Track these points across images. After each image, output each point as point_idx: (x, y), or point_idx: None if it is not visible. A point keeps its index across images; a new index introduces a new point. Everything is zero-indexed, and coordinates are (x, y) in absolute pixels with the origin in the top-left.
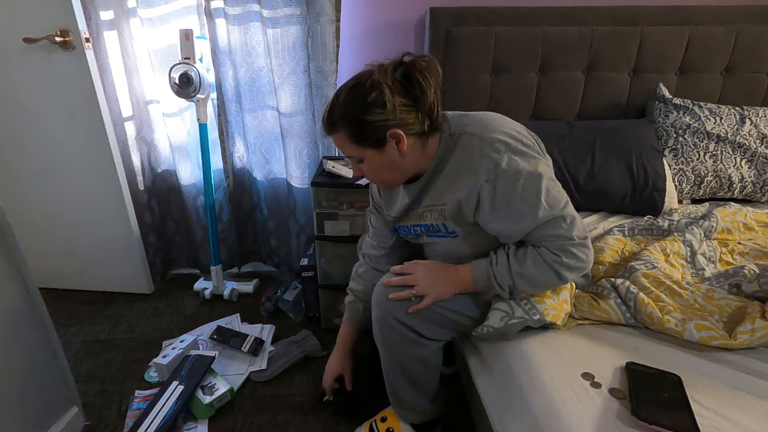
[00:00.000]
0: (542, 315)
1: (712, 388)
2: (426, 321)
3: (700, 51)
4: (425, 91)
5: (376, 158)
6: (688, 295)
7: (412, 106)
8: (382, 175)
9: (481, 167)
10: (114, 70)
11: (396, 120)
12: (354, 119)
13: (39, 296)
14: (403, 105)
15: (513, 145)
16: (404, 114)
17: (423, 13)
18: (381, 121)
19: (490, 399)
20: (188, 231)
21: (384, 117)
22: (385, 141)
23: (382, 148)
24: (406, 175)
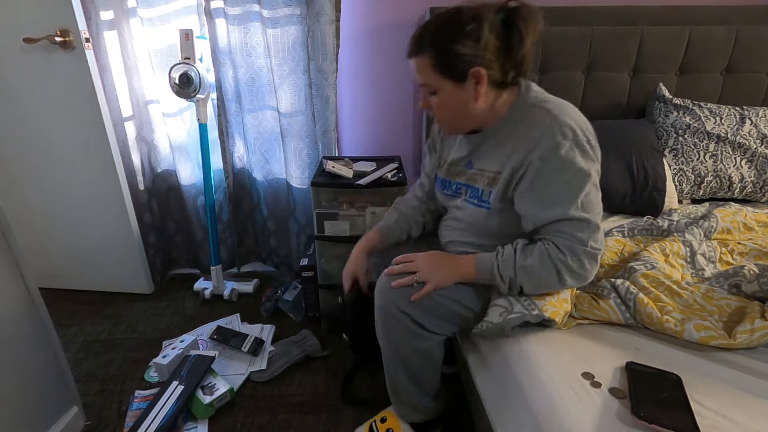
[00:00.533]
0: (541, 311)
1: (712, 388)
2: (428, 313)
3: (700, 51)
4: (523, 40)
5: (450, 93)
6: (687, 295)
7: (503, 52)
8: (450, 114)
9: (541, 143)
10: (114, 70)
11: (484, 59)
12: (444, 45)
13: (39, 296)
14: (495, 48)
15: (579, 138)
16: (493, 57)
17: (423, 13)
18: (470, 55)
19: (490, 399)
20: (188, 231)
21: (474, 52)
22: (465, 77)
23: (461, 83)
24: (471, 121)
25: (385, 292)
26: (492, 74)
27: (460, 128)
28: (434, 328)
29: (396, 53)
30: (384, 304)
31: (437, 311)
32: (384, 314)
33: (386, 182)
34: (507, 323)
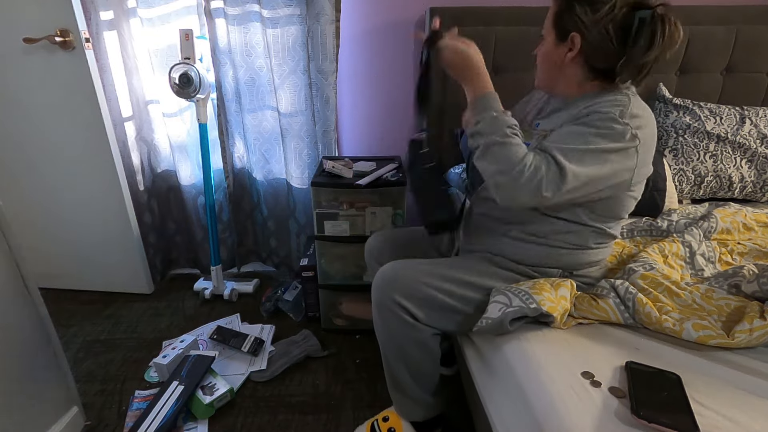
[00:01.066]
0: (539, 305)
1: (712, 387)
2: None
3: (700, 51)
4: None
5: (550, 45)
6: (686, 296)
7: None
8: (542, 65)
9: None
10: (114, 70)
11: (590, 34)
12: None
13: (39, 296)
14: (609, 35)
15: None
16: (602, 40)
17: (423, 13)
18: (579, 20)
19: (490, 398)
20: (188, 231)
21: (584, 20)
22: (565, 38)
23: (560, 42)
24: (557, 83)
25: (380, 285)
26: (594, 56)
27: (547, 85)
28: (428, 320)
29: (396, 53)
30: (379, 298)
31: (430, 303)
32: (380, 307)
33: (386, 182)
34: (506, 317)
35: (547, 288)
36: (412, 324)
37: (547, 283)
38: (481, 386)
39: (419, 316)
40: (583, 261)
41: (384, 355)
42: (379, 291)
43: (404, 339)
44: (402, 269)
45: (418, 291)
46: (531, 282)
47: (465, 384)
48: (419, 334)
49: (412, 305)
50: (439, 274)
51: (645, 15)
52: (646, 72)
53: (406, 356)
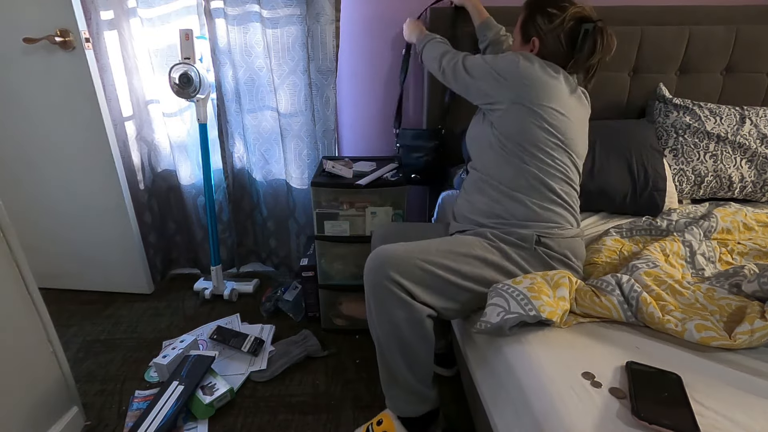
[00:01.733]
0: (538, 311)
1: (713, 388)
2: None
3: (700, 51)
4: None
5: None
6: (689, 294)
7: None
8: None
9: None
10: (114, 70)
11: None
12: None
13: (39, 296)
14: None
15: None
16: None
17: (423, 13)
18: (539, 26)
19: (490, 398)
20: (188, 231)
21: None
22: (528, 40)
23: (524, 43)
24: None
25: (374, 265)
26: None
27: None
28: (424, 297)
29: (396, 53)
30: (374, 279)
31: (426, 279)
32: (375, 287)
33: (386, 182)
34: (505, 323)
35: (545, 290)
36: (409, 302)
37: (545, 283)
38: (481, 386)
39: (415, 293)
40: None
41: (378, 344)
42: (373, 271)
43: (399, 320)
44: (395, 248)
45: (414, 267)
46: (529, 281)
47: (465, 384)
48: (415, 314)
49: (408, 281)
50: (434, 249)
51: (588, 27)
52: (592, 73)
53: (401, 340)
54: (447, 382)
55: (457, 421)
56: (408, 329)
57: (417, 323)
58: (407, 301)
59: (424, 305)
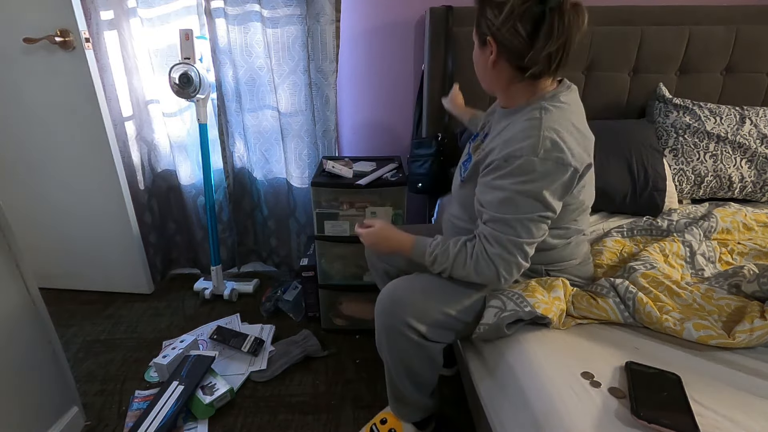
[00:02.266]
0: (533, 308)
1: (712, 388)
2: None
3: (700, 51)
4: (551, 38)
5: (476, 51)
6: (687, 295)
7: (524, 38)
8: (477, 71)
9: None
10: (114, 70)
11: (501, 34)
12: (482, 6)
13: (39, 296)
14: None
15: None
16: (514, 38)
17: (423, 13)
18: (490, 22)
19: (490, 399)
20: (188, 231)
21: (494, 22)
22: (485, 42)
23: (482, 46)
24: (490, 86)
25: (388, 308)
26: (510, 55)
27: (488, 88)
28: (436, 337)
29: (396, 53)
30: (389, 321)
31: (442, 322)
32: (388, 329)
33: (386, 182)
34: (502, 321)
35: (539, 290)
36: (422, 344)
37: (539, 285)
38: (481, 387)
39: (428, 335)
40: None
41: (388, 370)
42: (387, 314)
43: (412, 357)
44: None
45: (432, 313)
46: (523, 284)
47: (465, 384)
48: (427, 351)
49: (423, 326)
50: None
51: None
52: (557, 62)
53: (412, 372)
54: (447, 382)
55: (457, 420)
56: (418, 363)
57: (428, 358)
58: (421, 343)
59: (436, 343)
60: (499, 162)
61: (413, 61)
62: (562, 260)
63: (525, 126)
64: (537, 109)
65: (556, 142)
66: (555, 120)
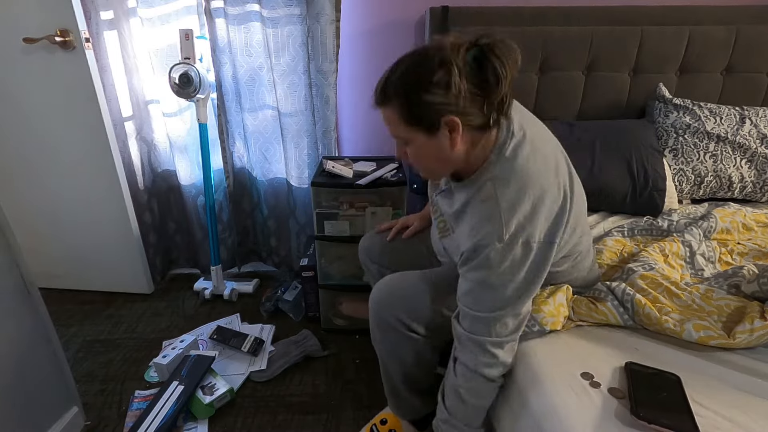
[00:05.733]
0: (542, 325)
1: (712, 388)
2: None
3: (700, 51)
4: (499, 80)
5: (424, 143)
6: (686, 296)
7: (479, 95)
8: (426, 163)
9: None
10: (114, 70)
11: (457, 107)
12: (411, 96)
13: (39, 296)
14: (470, 92)
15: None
16: (468, 102)
17: (423, 13)
18: (440, 104)
19: None
20: (188, 231)
21: (445, 100)
22: (438, 126)
23: (434, 134)
24: (451, 168)
25: (383, 303)
26: (469, 119)
27: (438, 175)
28: (430, 334)
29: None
30: (382, 316)
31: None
32: (381, 323)
33: (386, 182)
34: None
35: (543, 299)
36: (415, 339)
37: (543, 292)
38: None
39: (421, 332)
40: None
41: (383, 365)
42: (381, 306)
43: (405, 352)
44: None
45: (425, 311)
46: None
47: None
48: (420, 347)
49: (416, 323)
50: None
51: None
52: (508, 102)
53: (406, 367)
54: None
55: None
56: (412, 358)
57: (421, 354)
58: (413, 338)
59: (429, 339)
60: (468, 254)
61: None
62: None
63: (482, 210)
64: (488, 181)
65: (520, 222)
66: (511, 192)
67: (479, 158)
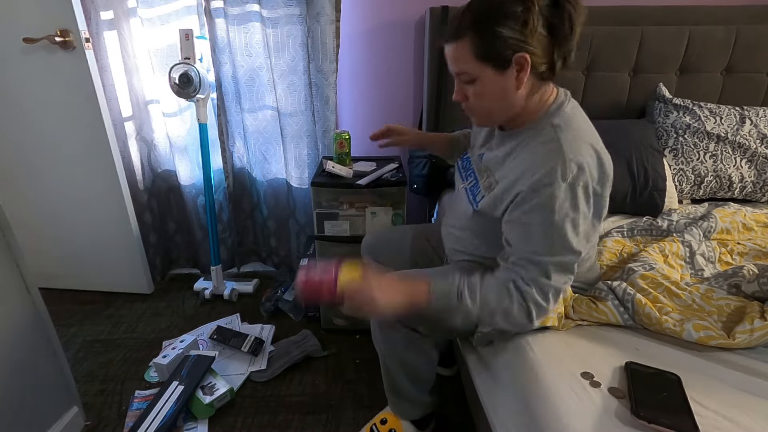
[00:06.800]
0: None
1: (712, 388)
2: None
3: (700, 51)
4: (573, 28)
5: (491, 81)
6: (686, 296)
7: (551, 39)
8: (487, 104)
9: (536, 175)
10: (114, 70)
11: (530, 45)
12: (488, 28)
13: (39, 296)
14: (543, 35)
15: (579, 181)
16: (541, 44)
17: (423, 13)
18: (515, 39)
19: (489, 399)
20: (188, 231)
21: (520, 36)
22: (509, 63)
23: (503, 70)
24: (507, 113)
25: None
26: (537, 62)
27: (494, 120)
28: (428, 331)
29: (396, 53)
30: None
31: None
32: (381, 323)
33: (386, 182)
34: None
35: None
36: (416, 337)
37: None
38: (481, 387)
39: (422, 330)
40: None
41: (383, 363)
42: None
43: (406, 350)
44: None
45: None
46: None
47: (465, 384)
48: (421, 345)
49: (416, 321)
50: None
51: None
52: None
53: (407, 365)
54: (447, 382)
55: (457, 420)
56: (412, 356)
57: (422, 352)
58: (414, 337)
59: (428, 338)
60: (525, 194)
61: (413, 61)
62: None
63: (543, 151)
64: (548, 128)
65: (582, 167)
66: (573, 138)
67: (533, 111)
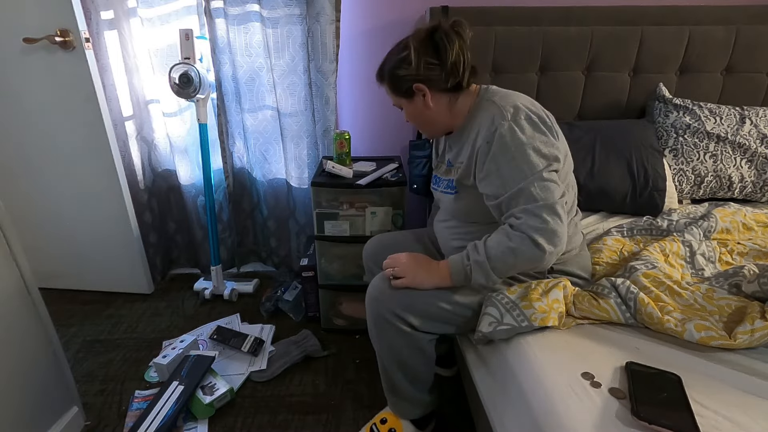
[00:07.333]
0: (530, 321)
1: (713, 388)
2: (420, 315)
3: (700, 51)
4: (447, 51)
5: (409, 107)
6: (688, 295)
7: (436, 64)
8: (417, 122)
9: (483, 128)
10: (114, 70)
11: (420, 76)
12: (391, 73)
13: (39, 296)
14: (429, 63)
15: (519, 116)
16: (428, 71)
17: (423, 13)
18: (409, 74)
19: (490, 399)
20: (188, 231)
21: (411, 72)
22: (412, 93)
23: (412, 98)
24: (437, 126)
25: (376, 296)
26: (434, 84)
27: (432, 132)
28: (426, 327)
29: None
30: (376, 310)
31: (429, 313)
32: (377, 318)
33: (386, 182)
34: (495, 334)
35: (536, 296)
36: (410, 333)
37: (539, 287)
38: (481, 387)
39: (417, 325)
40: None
41: (380, 361)
42: (376, 303)
43: (402, 347)
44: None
45: (416, 302)
46: (524, 288)
47: (465, 384)
48: (417, 341)
49: (411, 315)
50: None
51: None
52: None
53: (403, 362)
54: (447, 382)
55: (457, 420)
56: (409, 353)
57: (419, 349)
58: (409, 332)
59: (425, 333)
60: (483, 148)
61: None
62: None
63: (483, 114)
64: (482, 101)
65: (516, 106)
66: (504, 95)
67: (463, 112)
